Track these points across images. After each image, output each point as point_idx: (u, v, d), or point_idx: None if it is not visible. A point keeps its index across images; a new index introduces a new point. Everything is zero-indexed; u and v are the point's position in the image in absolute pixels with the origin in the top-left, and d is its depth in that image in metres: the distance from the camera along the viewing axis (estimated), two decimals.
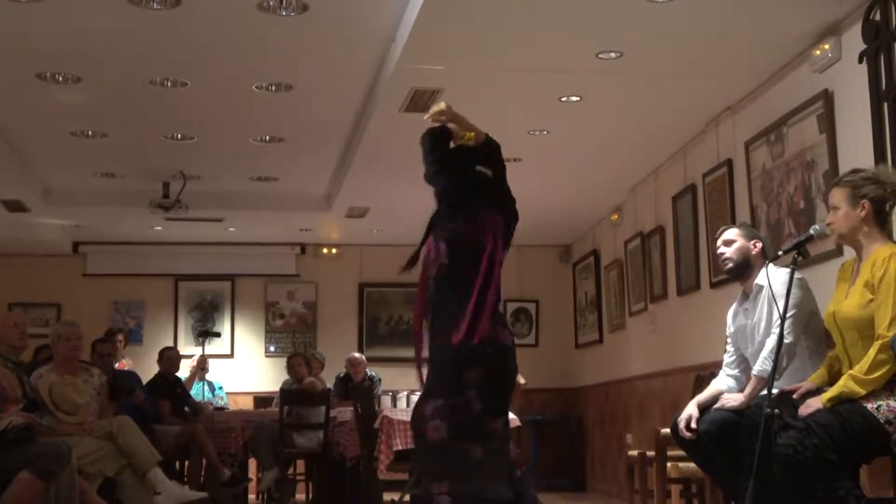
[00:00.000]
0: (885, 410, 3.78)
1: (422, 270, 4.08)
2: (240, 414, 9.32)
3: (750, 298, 4.80)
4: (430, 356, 4.02)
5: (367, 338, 11.70)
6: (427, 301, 4.06)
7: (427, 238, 4.12)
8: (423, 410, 3.95)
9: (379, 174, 8.54)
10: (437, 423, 3.90)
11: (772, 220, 6.24)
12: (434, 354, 4.01)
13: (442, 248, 4.03)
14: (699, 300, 7.52)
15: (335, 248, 11.70)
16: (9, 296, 11.06)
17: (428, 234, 4.13)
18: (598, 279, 10.51)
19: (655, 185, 8.52)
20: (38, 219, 9.97)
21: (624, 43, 5.80)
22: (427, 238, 4.12)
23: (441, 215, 4.11)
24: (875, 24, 5.12)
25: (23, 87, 6.72)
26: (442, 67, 6.11)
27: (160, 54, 6.25)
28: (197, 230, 10.59)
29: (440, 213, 4.12)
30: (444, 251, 4.02)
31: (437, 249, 4.04)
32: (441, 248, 4.03)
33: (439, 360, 3.99)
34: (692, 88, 6.59)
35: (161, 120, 7.55)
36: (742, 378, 4.84)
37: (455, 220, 4.05)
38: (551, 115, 7.06)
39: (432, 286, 4.04)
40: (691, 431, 4.58)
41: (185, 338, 11.50)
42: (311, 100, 7.07)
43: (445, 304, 3.99)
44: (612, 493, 9.89)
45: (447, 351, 3.92)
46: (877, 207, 4.03)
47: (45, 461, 5.14)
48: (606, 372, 10.24)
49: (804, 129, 5.87)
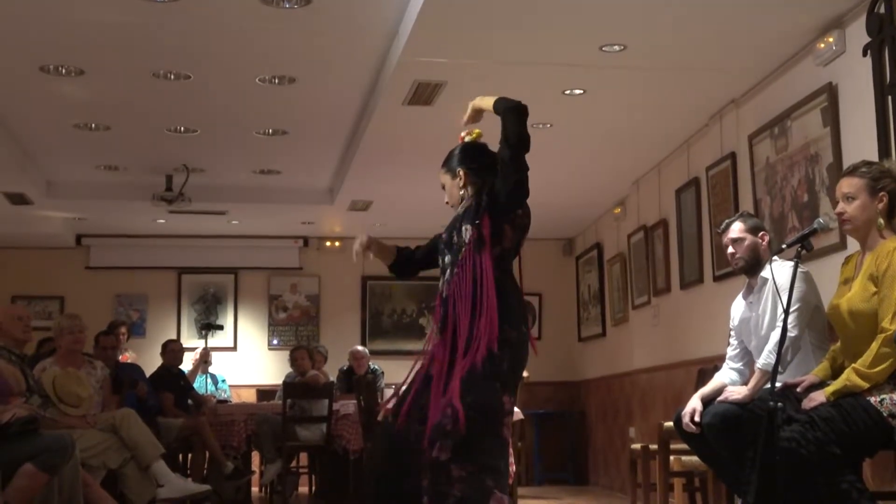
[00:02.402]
0: (889, 404, 3.77)
1: (475, 252, 4.02)
2: (243, 407, 9.33)
3: (754, 291, 4.80)
4: (508, 344, 3.96)
5: (370, 331, 11.71)
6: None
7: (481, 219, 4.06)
8: (502, 403, 3.92)
9: (382, 167, 8.54)
10: (508, 422, 3.95)
11: (775, 214, 6.23)
12: (511, 342, 3.98)
13: (507, 229, 4.05)
14: (702, 294, 7.52)
15: (338, 242, 11.71)
16: (12, 289, 11.08)
17: (481, 216, 4.07)
18: (601, 272, 10.51)
19: (659, 179, 8.51)
20: (41, 212, 9.98)
21: (627, 36, 5.79)
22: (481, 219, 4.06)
23: (509, 196, 4.06)
24: (879, 17, 5.10)
25: (26, 80, 6.72)
26: (445, 60, 6.10)
27: (163, 47, 6.25)
28: (200, 223, 10.61)
29: (509, 193, 4.06)
30: (509, 232, 4.06)
31: (501, 230, 4.05)
32: (507, 230, 4.05)
33: (517, 350, 4.00)
34: (696, 81, 6.58)
35: (164, 113, 7.54)
36: (745, 371, 4.84)
37: (521, 201, 4.09)
38: (555, 108, 7.05)
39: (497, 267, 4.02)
40: (695, 425, 4.58)
41: (189, 331, 11.51)
42: (315, 93, 7.06)
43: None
44: (614, 487, 9.90)
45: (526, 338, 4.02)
46: (892, 202, 4.02)
47: (49, 454, 5.14)
48: (609, 365, 10.24)
49: (808, 123, 5.86)
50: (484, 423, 3.86)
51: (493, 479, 3.84)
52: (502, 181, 4.05)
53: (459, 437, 3.80)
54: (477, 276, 3.99)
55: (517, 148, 4.03)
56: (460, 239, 4.11)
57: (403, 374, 4.21)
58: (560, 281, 11.67)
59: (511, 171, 4.03)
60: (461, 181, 4.20)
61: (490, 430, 3.88)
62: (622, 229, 9.62)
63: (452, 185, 4.24)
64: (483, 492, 3.80)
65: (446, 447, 3.81)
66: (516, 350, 4.01)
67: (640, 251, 9.01)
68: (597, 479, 10.75)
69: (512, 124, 4.04)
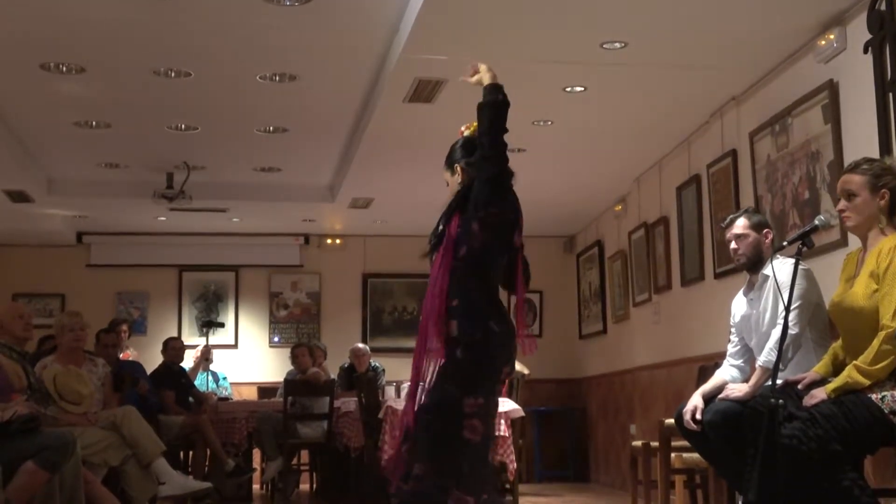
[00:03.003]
0: (890, 401, 3.77)
1: (445, 251, 3.99)
2: (244, 404, 9.34)
3: (755, 288, 4.80)
4: (466, 345, 3.89)
5: (370, 328, 11.71)
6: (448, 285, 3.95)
7: (450, 218, 4.04)
8: (462, 405, 3.86)
9: (383, 165, 8.54)
10: (476, 423, 3.86)
11: (776, 211, 6.23)
12: (470, 343, 3.90)
13: (475, 228, 3.96)
14: (703, 291, 7.52)
15: (339, 239, 11.71)
16: (13, 286, 11.08)
17: (451, 214, 4.05)
18: (602, 270, 10.51)
19: (660, 176, 8.51)
20: (42, 209, 9.98)
21: (628, 33, 5.79)
22: (450, 218, 4.04)
23: (478, 194, 3.98)
24: (880, 14, 5.10)
25: (26, 78, 6.72)
26: (446, 58, 6.10)
27: (164, 44, 6.25)
28: (201, 221, 10.60)
29: (479, 192, 3.98)
30: (476, 231, 3.96)
31: (469, 229, 3.97)
32: (474, 228, 3.96)
33: (481, 351, 3.92)
34: (696, 79, 6.58)
35: (165, 110, 7.54)
36: (746, 368, 4.84)
37: (492, 200, 3.97)
38: (555, 105, 7.05)
39: (460, 266, 3.96)
40: (696, 422, 4.58)
41: (189, 328, 11.51)
42: (315, 90, 7.06)
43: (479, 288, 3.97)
44: (615, 484, 9.90)
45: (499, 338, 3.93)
46: (893, 199, 4.02)
47: (50, 452, 5.14)
48: (610, 363, 10.24)
49: (809, 120, 5.86)
50: (439, 424, 3.84)
51: (453, 479, 3.81)
52: (477, 177, 4.02)
53: (416, 437, 3.84)
54: (435, 278, 3.98)
55: (486, 147, 3.99)
56: (438, 237, 4.11)
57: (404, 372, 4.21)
58: (561, 278, 11.66)
59: (481, 169, 4.00)
60: (459, 176, 4.17)
61: (447, 432, 3.84)
62: (623, 226, 9.62)
63: (453, 181, 4.21)
64: (439, 490, 3.79)
65: (407, 447, 3.87)
66: (482, 349, 3.91)
67: (641, 248, 9.01)
68: (598, 477, 10.75)
69: (484, 122, 4.00)
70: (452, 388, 3.87)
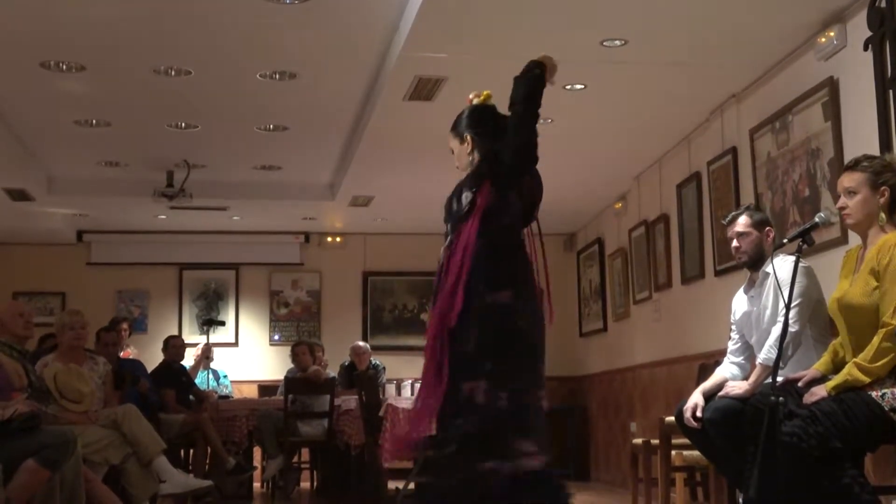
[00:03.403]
0: (890, 398, 3.77)
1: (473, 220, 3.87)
2: (244, 402, 9.34)
3: (756, 286, 4.80)
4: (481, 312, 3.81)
5: (371, 326, 11.70)
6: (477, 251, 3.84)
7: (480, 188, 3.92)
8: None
9: (383, 163, 8.54)
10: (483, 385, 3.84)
11: (776, 209, 6.22)
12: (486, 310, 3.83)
13: (512, 198, 3.92)
14: (703, 288, 7.52)
15: (339, 237, 11.70)
16: (13, 285, 11.08)
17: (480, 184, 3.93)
18: (602, 267, 10.50)
19: (660, 174, 8.51)
20: (43, 208, 9.98)
21: (628, 30, 5.79)
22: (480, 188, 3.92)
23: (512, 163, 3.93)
24: (880, 12, 5.10)
25: (26, 76, 6.72)
26: (446, 55, 6.10)
27: (164, 43, 6.25)
28: (201, 219, 10.60)
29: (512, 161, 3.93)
30: (514, 201, 3.93)
31: (506, 199, 3.92)
32: (511, 199, 3.92)
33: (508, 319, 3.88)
34: (697, 76, 6.58)
35: (165, 108, 7.54)
36: (746, 365, 4.84)
37: (527, 169, 3.97)
38: (555, 103, 6.95)
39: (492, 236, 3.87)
40: (696, 420, 4.58)
41: (190, 326, 11.52)
42: (315, 88, 7.06)
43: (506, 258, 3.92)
44: (615, 482, 9.90)
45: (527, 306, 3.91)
46: (893, 196, 4.02)
47: (51, 450, 5.14)
48: (610, 360, 10.24)
49: (809, 117, 5.86)
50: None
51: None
52: (506, 146, 3.93)
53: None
54: (463, 248, 3.85)
55: (521, 114, 3.92)
56: (459, 206, 3.98)
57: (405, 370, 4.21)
58: (561, 276, 11.62)
59: (514, 134, 3.92)
60: (469, 146, 4.07)
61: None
62: (623, 224, 9.61)
63: (461, 150, 4.10)
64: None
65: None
66: (509, 319, 3.89)
67: (642, 246, 9.00)
68: (598, 475, 10.75)
69: (521, 90, 3.95)
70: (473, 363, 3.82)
